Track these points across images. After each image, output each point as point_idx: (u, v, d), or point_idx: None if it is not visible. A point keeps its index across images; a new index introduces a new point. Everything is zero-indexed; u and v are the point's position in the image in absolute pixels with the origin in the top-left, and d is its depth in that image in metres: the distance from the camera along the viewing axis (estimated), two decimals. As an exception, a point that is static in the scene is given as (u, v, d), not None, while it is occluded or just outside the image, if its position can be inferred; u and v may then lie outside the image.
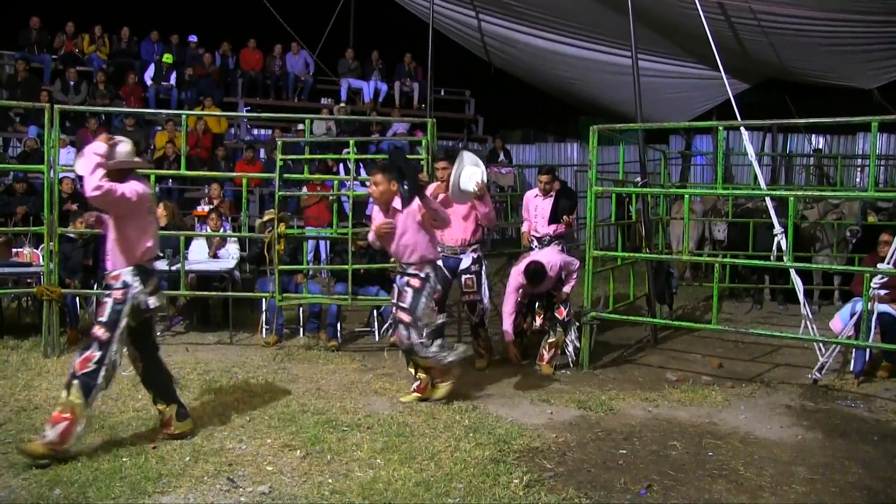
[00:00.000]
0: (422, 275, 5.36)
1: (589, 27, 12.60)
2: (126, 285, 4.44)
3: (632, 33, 7.92)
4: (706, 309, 9.26)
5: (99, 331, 4.37)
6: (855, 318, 5.99)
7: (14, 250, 8.03)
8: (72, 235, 7.53)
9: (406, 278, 5.38)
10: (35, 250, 7.96)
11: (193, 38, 15.05)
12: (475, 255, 6.48)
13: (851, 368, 6.28)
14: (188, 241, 8.16)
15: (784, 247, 6.70)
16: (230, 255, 8.30)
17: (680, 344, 7.68)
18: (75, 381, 4.28)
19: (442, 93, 16.60)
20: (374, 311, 7.81)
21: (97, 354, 4.32)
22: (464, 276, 6.46)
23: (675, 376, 6.43)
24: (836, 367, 6.40)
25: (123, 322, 4.39)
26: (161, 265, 7.72)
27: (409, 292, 5.32)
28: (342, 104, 15.03)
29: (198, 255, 8.27)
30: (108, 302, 4.42)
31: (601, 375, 6.48)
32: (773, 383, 6.23)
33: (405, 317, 5.30)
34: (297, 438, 4.65)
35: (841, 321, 6.26)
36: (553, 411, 5.37)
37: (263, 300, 7.61)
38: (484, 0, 13.19)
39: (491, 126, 17.49)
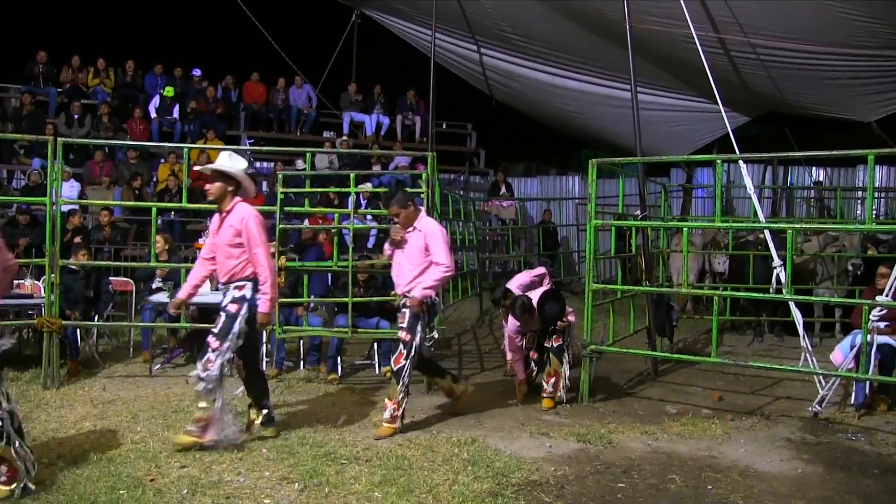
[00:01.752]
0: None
1: (589, 61, 12.77)
2: None
3: (631, 67, 8.02)
4: (706, 342, 9.23)
5: None
6: (855, 350, 5.98)
7: (16, 282, 8.05)
8: (73, 267, 7.57)
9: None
10: (37, 282, 7.99)
11: (197, 72, 15.24)
12: None
13: (852, 401, 6.25)
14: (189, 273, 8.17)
15: (783, 279, 6.71)
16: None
17: (680, 377, 7.66)
18: None
19: (444, 126, 16.76)
20: (375, 345, 7.81)
21: None
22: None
23: (675, 409, 6.40)
24: (837, 399, 6.38)
25: None
26: (162, 297, 7.78)
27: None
28: (344, 137, 15.17)
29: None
30: None
31: (601, 408, 6.45)
32: (774, 416, 6.20)
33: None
34: (295, 471, 4.63)
35: (841, 353, 6.24)
36: (552, 444, 5.35)
37: (264, 332, 7.60)
38: (485, 34, 13.40)
39: (493, 159, 17.63)
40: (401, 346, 5.56)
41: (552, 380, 6.47)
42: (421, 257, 5.60)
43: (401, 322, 5.62)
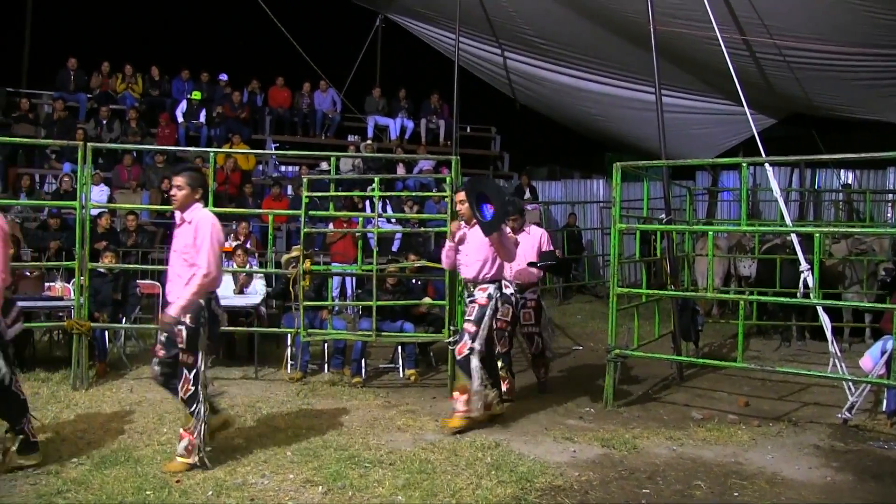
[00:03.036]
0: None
1: (613, 63, 12.71)
2: None
3: (655, 69, 7.97)
4: (732, 346, 9.14)
5: None
6: (886, 356, 5.88)
7: (47, 284, 8.20)
8: (102, 270, 7.68)
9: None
10: (67, 284, 8.11)
11: (224, 77, 15.40)
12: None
13: (884, 408, 6.13)
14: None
15: (811, 283, 6.63)
16: (256, 290, 8.39)
17: (705, 382, 7.58)
18: None
19: (468, 129, 16.77)
20: (399, 348, 7.83)
21: None
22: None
23: (701, 414, 6.34)
24: (868, 406, 6.27)
25: None
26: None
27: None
28: (369, 141, 15.24)
29: (224, 291, 8.36)
30: None
31: (625, 413, 6.41)
32: (802, 422, 6.11)
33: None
34: (319, 474, 4.66)
35: (871, 359, 6.13)
36: (576, 449, 5.33)
37: (289, 336, 7.67)
38: (509, 37, 13.40)
39: (517, 162, 17.59)
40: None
41: (463, 396, 5.73)
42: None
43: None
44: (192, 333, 4.68)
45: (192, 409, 4.72)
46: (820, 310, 6.62)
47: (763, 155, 7.57)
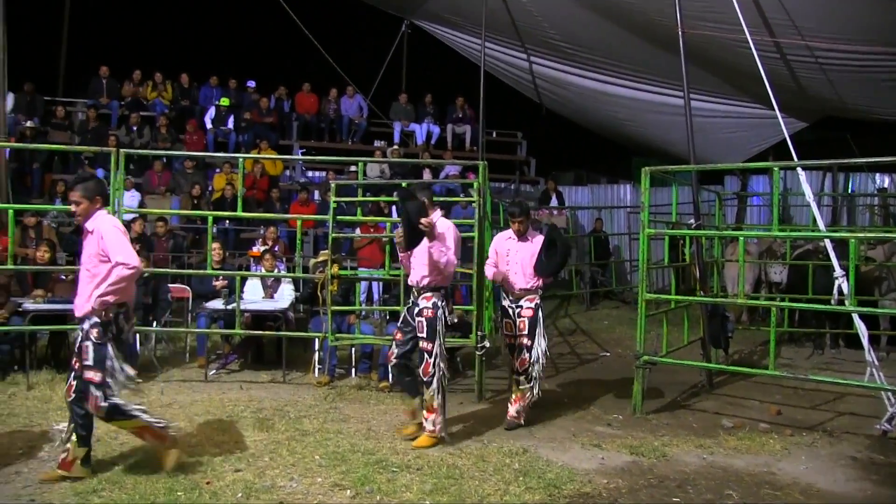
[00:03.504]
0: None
1: (640, 67, 12.62)
2: None
3: (684, 73, 7.90)
4: (763, 353, 9.01)
5: None
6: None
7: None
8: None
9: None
10: (99, 288, 8.20)
11: (251, 84, 15.56)
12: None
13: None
14: (243, 280, 8.35)
15: (845, 290, 6.51)
16: (284, 295, 8.45)
17: (736, 389, 7.48)
18: None
19: (494, 135, 16.75)
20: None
21: None
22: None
23: (731, 423, 6.25)
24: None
25: None
26: (217, 304, 7.96)
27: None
28: (395, 147, 15.28)
29: (253, 295, 8.44)
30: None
31: (654, 420, 6.34)
32: (837, 433, 5.99)
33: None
34: (347, 478, 4.67)
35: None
36: (604, 456, 5.28)
37: (316, 340, 7.71)
38: (535, 42, 13.36)
39: (543, 167, 17.54)
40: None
41: (431, 416, 5.52)
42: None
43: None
44: (98, 348, 4.47)
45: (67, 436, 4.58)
46: (856, 317, 6.50)
47: (795, 159, 7.46)
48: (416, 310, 5.55)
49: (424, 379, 5.49)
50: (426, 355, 5.47)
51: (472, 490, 4.50)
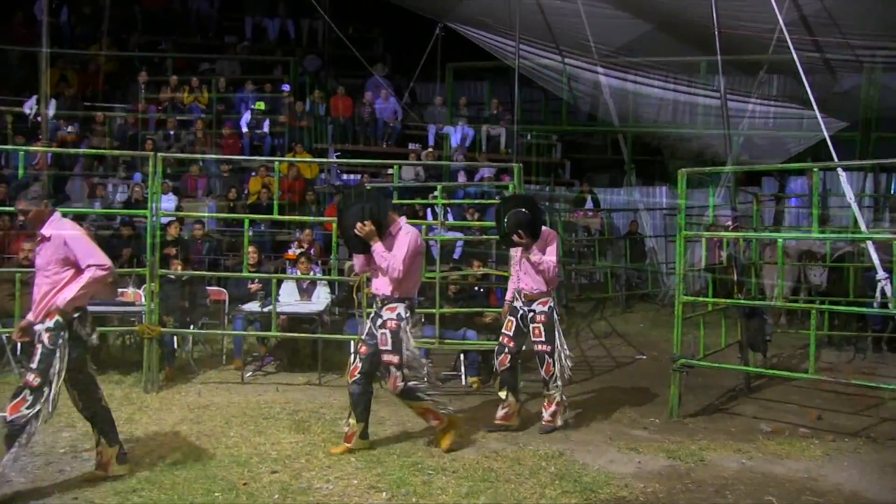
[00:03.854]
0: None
1: (676, 68, 12.52)
2: None
3: (720, 74, 7.82)
4: (802, 357, 8.84)
5: None
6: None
7: (119, 290, 8.48)
8: (171, 277, 7.91)
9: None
10: (138, 290, 8.38)
11: (286, 87, 15.71)
12: None
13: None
14: (279, 283, 8.42)
15: (888, 292, 6.38)
16: (320, 297, 8.51)
17: (774, 393, 7.35)
18: None
19: (528, 137, 16.69)
20: (461, 356, 7.82)
21: None
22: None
23: (770, 427, 6.15)
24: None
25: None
26: (253, 306, 8.04)
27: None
28: (430, 149, 15.31)
29: (288, 298, 8.51)
30: None
31: (691, 424, 6.27)
32: (882, 439, 5.85)
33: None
34: (382, 480, 4.69)
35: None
36: (641, 460, 5.23)
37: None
38: (569, 44, 13.33)
39: (578, 169, 17.42)
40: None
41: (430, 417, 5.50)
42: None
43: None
44: (47, 354, 4.34)
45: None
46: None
47: (835, 159, 7.34)
48: (380, 321, 5.27)
49: (393, 392, 5.32)
50: (392, 369, 5.22)
51: (507, 493, 4.50)
